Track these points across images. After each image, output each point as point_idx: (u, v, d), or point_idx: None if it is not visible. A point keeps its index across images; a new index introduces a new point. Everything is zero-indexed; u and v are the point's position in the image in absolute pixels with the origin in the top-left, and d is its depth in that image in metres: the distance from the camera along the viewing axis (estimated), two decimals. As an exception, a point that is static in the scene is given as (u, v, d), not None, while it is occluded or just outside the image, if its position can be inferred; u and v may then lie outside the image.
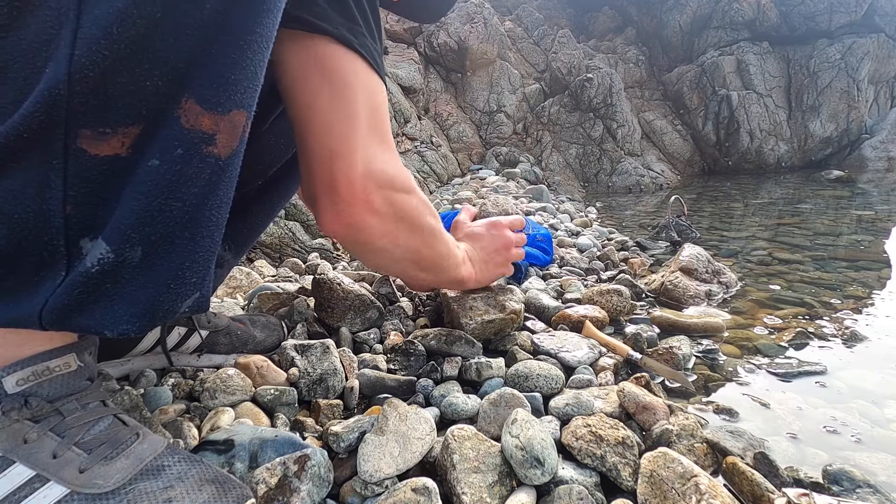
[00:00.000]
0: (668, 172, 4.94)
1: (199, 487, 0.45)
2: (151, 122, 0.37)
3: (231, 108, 0.39)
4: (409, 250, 0.67)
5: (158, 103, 0.36)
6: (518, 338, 0.90)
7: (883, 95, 5.75)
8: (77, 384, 0.46)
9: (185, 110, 0.37)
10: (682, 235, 2.03)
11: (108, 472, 0.43)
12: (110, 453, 0.44)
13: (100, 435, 0.45)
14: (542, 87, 5.40)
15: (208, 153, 0.39)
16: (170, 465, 0.46)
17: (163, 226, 0.39)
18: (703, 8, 5.86)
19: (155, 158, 0.37)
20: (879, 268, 1.60)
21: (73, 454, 0.42)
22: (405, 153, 3.69)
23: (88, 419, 0.45)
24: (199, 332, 0.74)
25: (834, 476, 0.60)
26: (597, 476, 0.57)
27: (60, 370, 0.45)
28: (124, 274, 0.39)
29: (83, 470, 0.42)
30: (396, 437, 0.57)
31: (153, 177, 0.37)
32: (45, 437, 0.42)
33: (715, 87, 5.41)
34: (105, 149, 0.36)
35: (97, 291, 0.38)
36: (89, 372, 0.48)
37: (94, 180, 0.37)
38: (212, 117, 0.38)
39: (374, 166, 0.56)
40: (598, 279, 1.44)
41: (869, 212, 2.70)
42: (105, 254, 0.37)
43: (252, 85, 0.40)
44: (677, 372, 0.84)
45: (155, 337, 0.71)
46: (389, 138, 0.59)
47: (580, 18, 6.82)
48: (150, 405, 0.64)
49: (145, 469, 0.45)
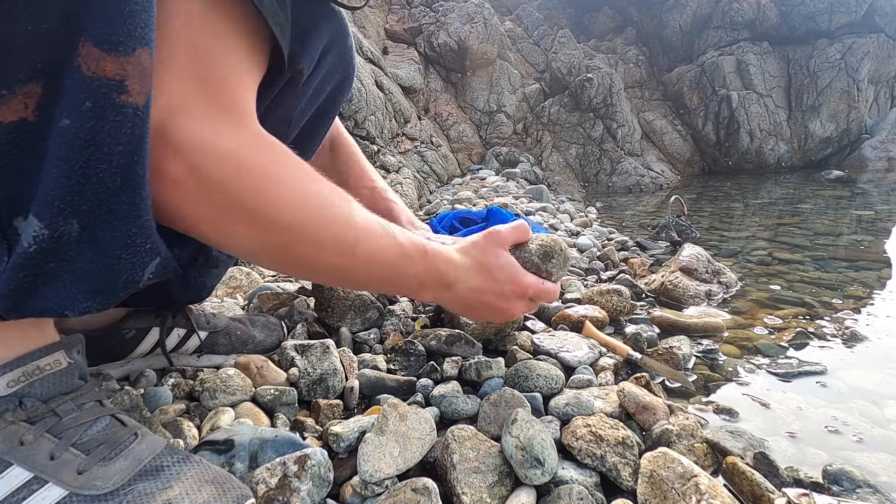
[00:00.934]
0: (668, 172, 4.94)
1: (199, 488, 0.44)
2: (51, 76, 0.33)
3: (134, 46, 0.35)
4: (268, 247, 0.47)
5: (53, 53, 0.33)
6: (518, 338, 0.90)
7: (883, 95, 5.75)
8: (70, 382, 0.46)
9: (83, 56, 0.33)
10: (682, 235, 2.03)
11: (107, 473, 0.43)
12: (109, 454, 0.44)
13: (98, 435, 0.45)
14: (542, 87, 5.40)
15: (122, 103, 0.35)
16: (169, 465, 0.46)
17: (93, 193, 0.35)
18: (703, 8, 5.86)
19: (65, 117, 0.34)
20: (879, 268, 1.60)
21: (70, 455, 0.42)
22: (405, 153, 3.69)
23: (85, 419, 0.45)
24: (197, 333, 0.74)
25: (834, 476, 0.59)
26: (597, 476, 0.57)
27: (51, 368, 0.44)
28: (67, 251, 0.36)
29: (82, 471, 0.42)
30: (396, 437, 0.57)
31: (67, 138, 0.34)
32: (42, 439, 0.42)
33: (715, 87, 5.41)
34: (8, 114, 0.33)
35: (43, 272, 0.36)
36: (80, 370, 0.48)
37: (7, 151, 0.34)
38: (115, 60, 0.34)
39: (176, 121, 0.41)
40: (598, 279, 1.44)
41: (869, 212, 2.70)
42: (39, 231, 0.35)
43: (148, 16, 0.36)
44: (677, 372, 0.84)
45: (154, 339, 0.71)
46: (232, 97, 0.44)
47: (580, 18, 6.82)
48: (150, 405, 0.64)
49: (144, 470, 0.45)
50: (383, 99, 3.55)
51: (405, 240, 0.55)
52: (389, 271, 0.54)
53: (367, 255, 0.51)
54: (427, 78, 4.74)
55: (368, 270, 0.53)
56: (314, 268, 0.52)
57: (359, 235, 0.50)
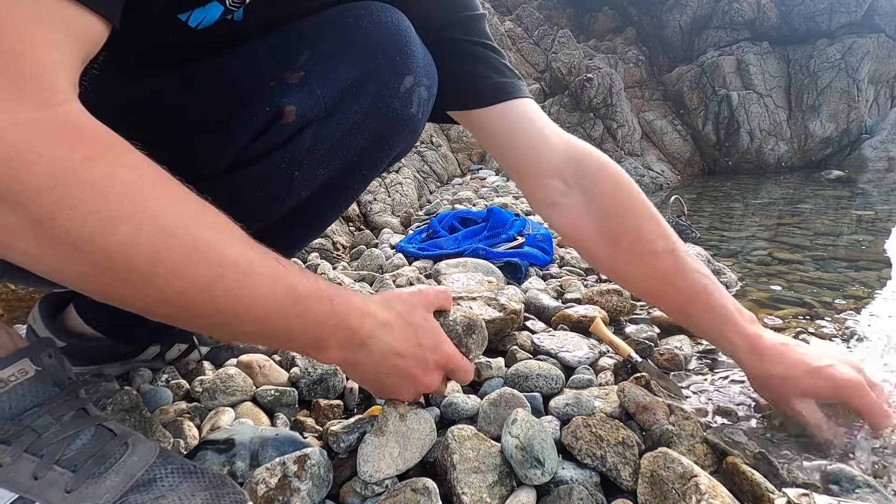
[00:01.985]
0: (668, 172, 4.94)
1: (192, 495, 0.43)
2: None
3: None
4: (72, 276, 0.34)
5: None
6: (518, 338, 0.90)
7: (883, 95, 5.75)
8: (43, 391, 0.42)
9: None
10: (682, 235, 2.02)
11: (97, 491, 0.40)
12: (98, 469, 0.41)
13: (84, 449, 0.42)
14: (542, 87, 5.40)
15: None
16: (162, 476, 0.44)
17: None
18: (703, 8, 5.86)
19: None
20: (879, 268, 1.60)
21: (55, 474, 0.39)
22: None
23: (67, 433, 0.42)
24: (198, 349, 0.73)
25: (834, 476, 0.59)
26: (597, 476, 0.57)
27: (17, 379, 0.41)
28: None
29: (70, 490, 0.39)
30: (396, 438, 0.57)
31: None
32: (20, 460, 0.39)
33: (715, 87, 5.41)
34: None
35: None
36: (55, 376, 0.44)
37: None
38: None
39: None
40: (598, 279, 1.44)
41: (869, 212, 2.70)
42: None
43: None
44: (670, 380, 0.83)
45: (155, 351, 0.71)
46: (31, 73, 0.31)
47: (580, 18, 6.82)
48: (150, 405, 0.64)
49: (137, 484, 0.42)
50: (383, 99, 3.54)
51: (305, 284, 0.41)
52: (269, 322, 0.40)
53: (232, 297, 0.37)
54: (427, 78, 4.75)
55: (234, 318, 0.38)
56: (149, 311, 0.37)
57: (224, 273, 0.36)
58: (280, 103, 0.45)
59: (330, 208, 0.61)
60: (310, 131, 0.48)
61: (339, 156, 0.52)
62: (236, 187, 0.48)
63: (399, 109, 0.52)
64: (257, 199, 0.50)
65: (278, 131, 0.46)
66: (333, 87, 0.47)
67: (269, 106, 0.45)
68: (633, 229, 0.64)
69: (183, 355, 0.73)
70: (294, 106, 0.45)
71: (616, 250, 0.65)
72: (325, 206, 0.60)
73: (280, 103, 0.45)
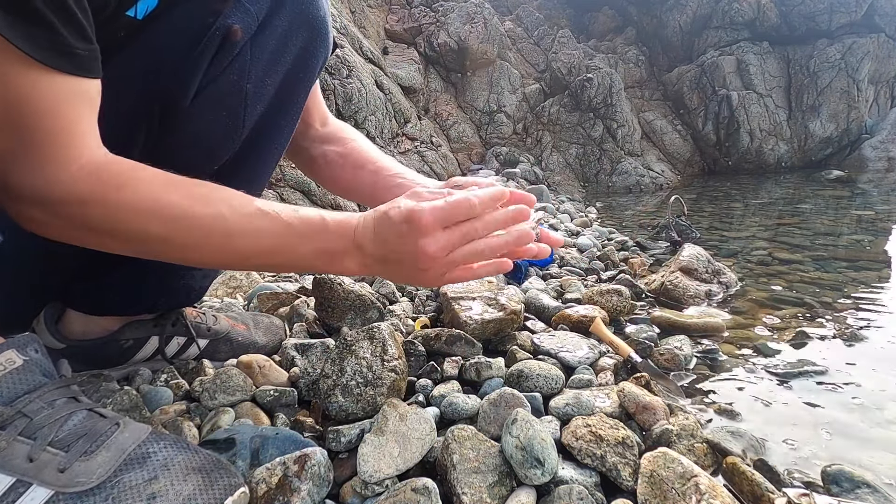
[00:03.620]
0: (668, 172, 4.94)
1: (185, 478, 0.43)
2: None
3: None
4: (148, 253, 0.50)
5: None
6: (518, 338, 0.90)
7: (883, 95, 5.75)
8: (31, 379, 0.44)
9: None
10: (682, 235, 2.02)
11: (89, 468, 0.41)
12: (89, 447, 0.43)
13: (75, 429, 0.43)
14: (542, 87, 5.40)
15: None
16: (155, 451, 0.44)
17: None
18: (703, 8, 5.86)
19: None
20: (879, 268, 1.60)
21: (49, 455, 0.41)
22: (405, 153, 3.70)
23: (58, 416, 0.43)
24: (196, 342, 0.73)
25: (834, 476, 0.60)
26: (597, 476, 0.57)
27: (4, 368, 0.43)
28: None
29: (63, 469, 0.40)
30: (396, 438, 0.57)
31: None
32: (15, 443, 0.41)
33: (715, 87, 5.41)
34: None
35: None
36: (42, 367, 0.46)
37: None
38: None
39: (11, 177, 0.43)
40: (598, 279, 1.44)
41: (869, 212, 2.70)
42: None
43: None
44: (670, 380, 0.83)
45: (153, 347, 0.71)
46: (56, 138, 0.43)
47: (580, 18, 6.82)
48: (150, 405, 0.64)
49: (129, 459, 0.43)
50: (383, 99, 3.54)
51: (296, 219, 0.51)
52: (280, 254, 0.52)
53: (248, 247, 0.50)
54: (427, 78, 4.74)
55: (258, 257, 0.52)
56: (205, 263, 0.56)
57: (231, 230, 0.49)
58: (227, 24, 0.52)
59: (284, 118, 0.67)
60: (248, 46, 0.56)
61: (278, 65, 0.60)
62: (203, 112, 0.56)
63: (314, 13, 0.62)
64: (221, 119, 0.57)
65: (228, 50, 0.54)
66: (261, 4, 0.55)
67: (219, 30, 0.51)
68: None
69: (182, 350, 0.73)
70: (239, 25, 0.52)
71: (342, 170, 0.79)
72: (278, 119, 0.65)
73: (227, 24, 0.52)
